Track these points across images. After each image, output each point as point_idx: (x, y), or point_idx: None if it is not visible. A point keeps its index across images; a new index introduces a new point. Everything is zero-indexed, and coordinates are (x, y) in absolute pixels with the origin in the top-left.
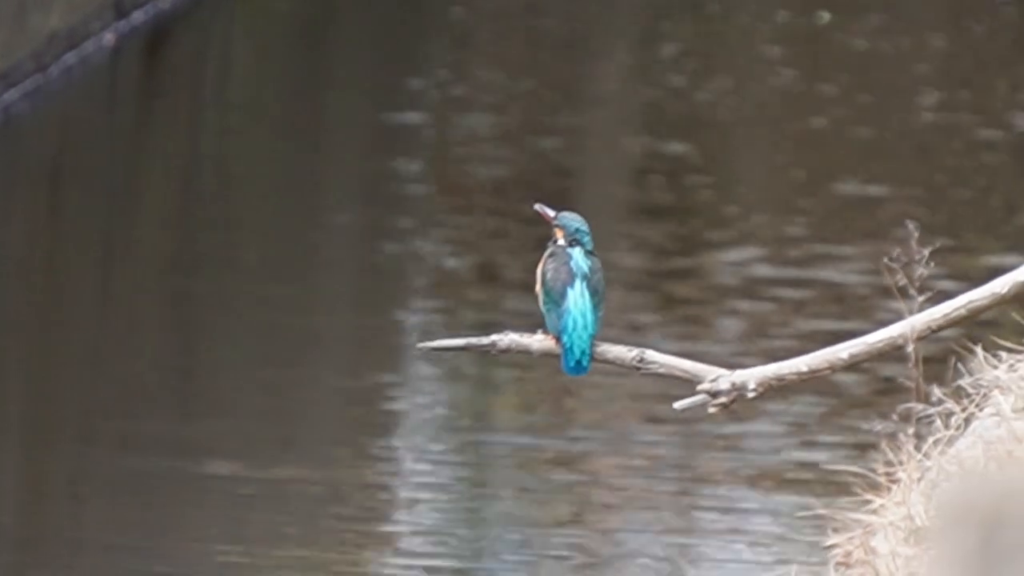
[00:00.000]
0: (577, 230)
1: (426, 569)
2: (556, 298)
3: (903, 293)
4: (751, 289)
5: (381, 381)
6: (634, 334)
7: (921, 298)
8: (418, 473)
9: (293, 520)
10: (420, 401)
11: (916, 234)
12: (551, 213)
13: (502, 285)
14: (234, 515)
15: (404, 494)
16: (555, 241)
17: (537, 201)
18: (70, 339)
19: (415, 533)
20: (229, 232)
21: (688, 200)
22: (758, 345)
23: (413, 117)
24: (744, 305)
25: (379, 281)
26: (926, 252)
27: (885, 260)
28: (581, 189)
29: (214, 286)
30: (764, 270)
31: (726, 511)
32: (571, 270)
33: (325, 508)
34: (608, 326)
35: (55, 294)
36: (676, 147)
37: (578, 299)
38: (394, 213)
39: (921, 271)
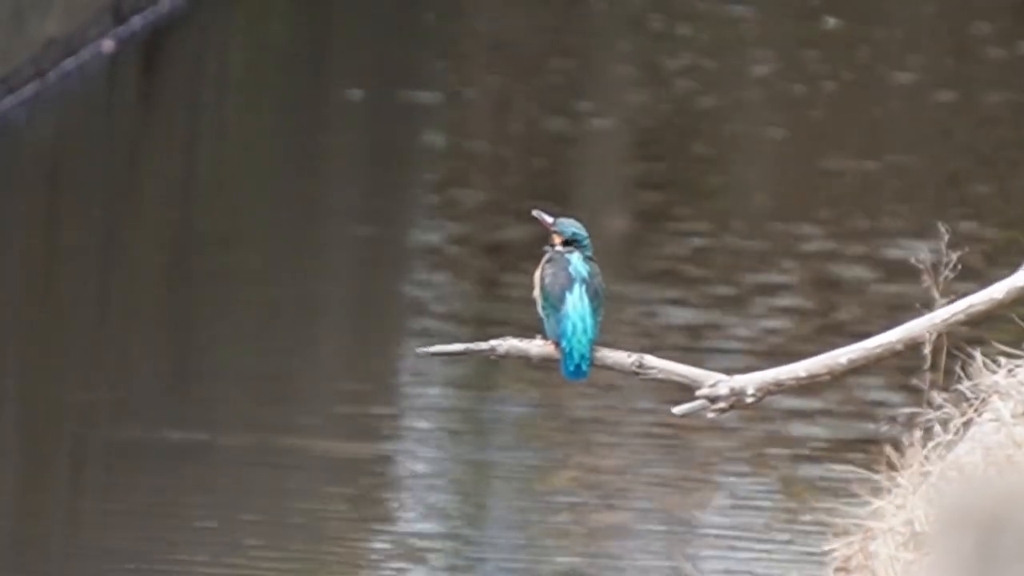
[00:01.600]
0: (575, 235)
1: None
2: (555, 303)
3: (926, 298)
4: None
5: (382, 355)
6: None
7: (943, 300)
8: (417, 446)
9: (293, 490)
10: (421, 375)
11: (946, 237)
12: (549, 219)
13: (505, 264)
14: (233, 485)
15: (402, 466)
16: (553, 246)
17: (535, 207)
18: (70, 326)
19: (411, 507)
20: (228, 235)
21: (693, 185)
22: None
23: (416, 119)
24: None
25: (380, 261)
26: (954, 256)
27: (913, 260)
28: (582, 176)
29: (212, 280)
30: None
31: (726, 513)
32: (570, 275)
33: (323, 479)
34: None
35: (54, 292)
36: (678, 135)
37: (577, 304)
38: (396, 207)
39: (946, 274)
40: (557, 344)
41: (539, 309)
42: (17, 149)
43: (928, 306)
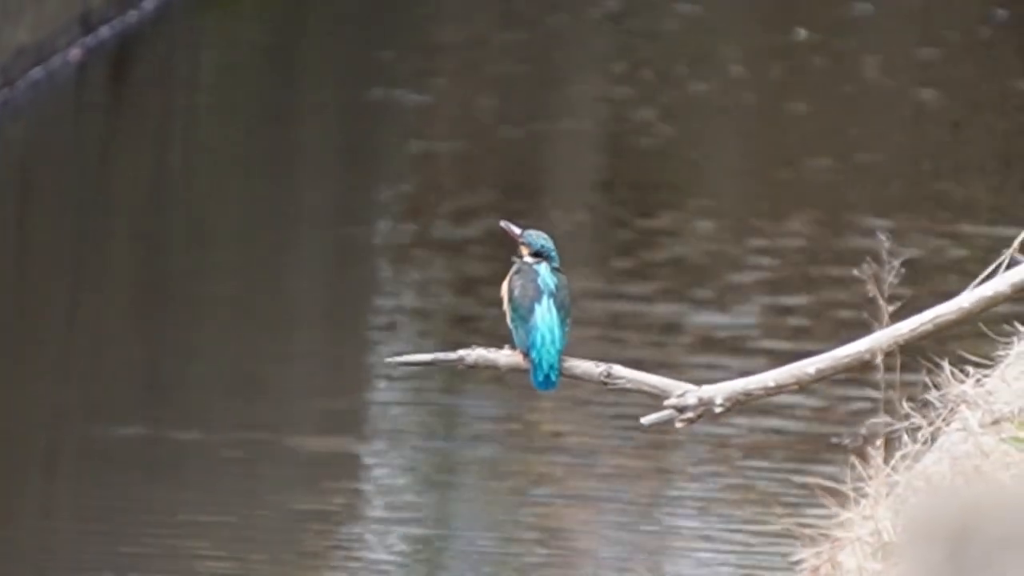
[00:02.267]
0: (543, 246)
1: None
2: (524, 314)
3: (873, 305)
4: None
5: (355, 353)
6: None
7: (891, 308)
8: (390, 442)
9: (265, 486)
10: (393, 376)
11: (887, 244)
12: (517, 230)
13: (477, 263)
14: (206, 481)
15: (373, 463)
16: (521, 257)
17: (504, 218)
18: (43, 327)
19: (383, 499)
20: (196, 242)
21: (659, 179)
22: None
23: (383, 127)
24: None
25: (352, 260)
26: (897, 263)
27: (855, 272)
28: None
29: (182, 292)
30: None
31: (693, 523)
32: (538, 286)
33: (295, 475)
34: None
35: (24, 298)
36: (648, 134)
37: (545, 315)
38: (368, 207)
39: (891, 280)
40: (526, 355)
41: (508, 320)
42: None
43: (875, 316)
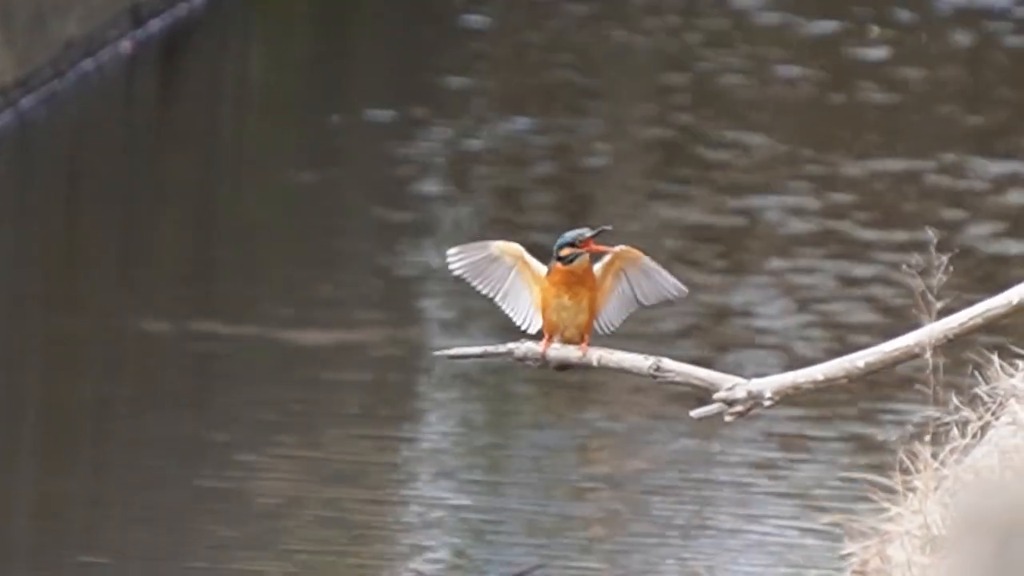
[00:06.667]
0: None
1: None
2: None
3: (921, 300)
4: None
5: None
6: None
7: (940, 304)
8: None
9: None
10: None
11: (935, 240)
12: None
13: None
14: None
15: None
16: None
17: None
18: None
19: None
20: (246, 235)
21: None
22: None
23: (436, 123)
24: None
25: (403, 232)
26: (944, 259)
27: (904, 267)
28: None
29: (232, 300)
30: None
31: (742, 518)
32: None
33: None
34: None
35: (73, 289)
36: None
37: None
38: (411, 215)
39: (940, 277)
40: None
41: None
42: (35, 148)
43: (926, 311)
